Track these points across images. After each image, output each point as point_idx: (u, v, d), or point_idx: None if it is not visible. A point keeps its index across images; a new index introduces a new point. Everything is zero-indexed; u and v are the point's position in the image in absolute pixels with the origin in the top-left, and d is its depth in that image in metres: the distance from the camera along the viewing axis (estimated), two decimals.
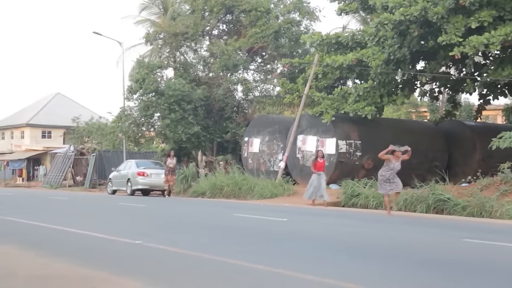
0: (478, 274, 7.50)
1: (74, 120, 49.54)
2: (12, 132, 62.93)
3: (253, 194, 24.99)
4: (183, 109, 31.77)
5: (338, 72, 25.57)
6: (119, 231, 11.42)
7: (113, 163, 37.05)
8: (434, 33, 20.99)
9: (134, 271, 7.43)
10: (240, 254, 8.57)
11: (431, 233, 12.20)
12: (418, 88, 26.17)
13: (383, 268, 7.77)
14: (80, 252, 8.96)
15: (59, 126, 58.28)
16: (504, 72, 20.84)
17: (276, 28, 32.89)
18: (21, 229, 12.37)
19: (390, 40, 22.37)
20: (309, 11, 34.04)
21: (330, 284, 6.59)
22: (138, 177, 28.55)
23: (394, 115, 43.53)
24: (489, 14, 19.60)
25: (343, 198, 21.65)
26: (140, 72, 32.77)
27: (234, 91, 35.13)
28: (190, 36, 34.44)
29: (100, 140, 46.15)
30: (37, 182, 51.43)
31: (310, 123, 26.39)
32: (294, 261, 8.19)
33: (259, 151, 29.15)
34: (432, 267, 7.84)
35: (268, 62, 36.07)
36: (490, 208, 17.18)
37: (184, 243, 9.77)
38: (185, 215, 16.25)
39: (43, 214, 16.50)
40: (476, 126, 29.11)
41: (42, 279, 6.91)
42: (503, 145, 18.44)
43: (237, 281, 6.84)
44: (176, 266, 7.78)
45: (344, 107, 24.51)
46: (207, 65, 35.49)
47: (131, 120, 33.92)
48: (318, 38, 25.33)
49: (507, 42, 19.31)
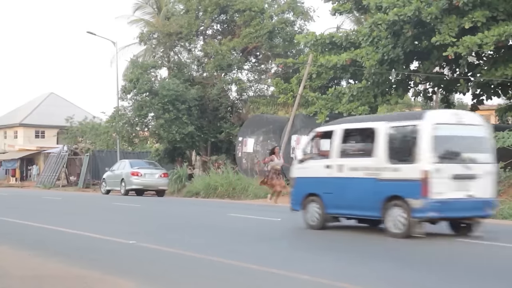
0: (474, 274, 7.53)
1: (67, 120, 49.37)
2: (5, 132, 62.71)
3: (247, 194, 24.99)
4: (177, 109, 31.75)
5: (332, 72, 25.60)
6: (113, 231, 11.42)
7: (107, 163, 36.93)
8: (428, 33, 21.04)
9: (128, 270, 7.44)
10: (234, 254, 8.59)
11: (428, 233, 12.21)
12: (412, 88, 26.21)
13: (381, 267, 7.80)
14: (75, 252, 8.96)
15: (53, 126, 58.08)
16: (497, 72, 20.90)
17: (270, 28, 32.89)
18: (16, 229, 12.35)
19: (384, 40, 22.41)
20: (303, 11, 34.04)
21: (325, 283, 6.61)
22: (132, 177, 28.51)
23: None
24: (483, 15, 19.66)
25: None
26: (134, 72, 32.73)
27: (228, 91, 35.12)
28: (184, 36, 34.41)
29: (94, 140, 46.03)
30: (31, 182, 51.25)
31: (304, 123, 26.41)
32: (289, 261, 8.21)
33: (253, 151, 29.16)
34: (424, 267, 7.87)
35: (262, 62, 36.07)
36: None
37: (178, 243, 9.78)
38: (179, 215, 16.25)
39: (37, 214, 16.47)
40: None
41: (37, 279, 6.91)
42: (497, 145, 18.48)
43: (232, 281, 6.86)
44: (170, 266, 7.79)
45: (338, 107, 24.54)
46: (201, 65, 35.47)
47: (125, 120, 33.87)
48: (312, 38, 25.34)
49: (501, 43, 19.37)
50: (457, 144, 10.92)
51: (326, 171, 11.87)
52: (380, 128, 11.10)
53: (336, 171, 11.67)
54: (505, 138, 18.43)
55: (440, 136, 10.53)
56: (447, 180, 10.37)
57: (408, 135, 10.81)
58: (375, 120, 11.96)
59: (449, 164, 10.50)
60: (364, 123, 12.23)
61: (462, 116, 11.22)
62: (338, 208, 11.74)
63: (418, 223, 10.39)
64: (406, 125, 10.99)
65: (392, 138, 10.95)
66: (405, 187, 10.51)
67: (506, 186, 18.68)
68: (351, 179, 11.41)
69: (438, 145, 10.44)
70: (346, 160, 11.62)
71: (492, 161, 11.06)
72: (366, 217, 11.59)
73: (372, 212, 11.01)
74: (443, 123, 10.76)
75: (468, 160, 10.75)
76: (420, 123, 10.57)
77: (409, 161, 10.55)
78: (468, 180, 10.62)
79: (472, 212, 10.80)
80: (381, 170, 10.86)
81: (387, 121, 11.23)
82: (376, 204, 10.78)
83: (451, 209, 10.50)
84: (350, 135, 12.06)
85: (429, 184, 10.19)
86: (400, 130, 11.05)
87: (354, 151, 11.92)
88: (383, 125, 11.13)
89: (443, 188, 10.29)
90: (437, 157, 10.38)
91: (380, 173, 10.86)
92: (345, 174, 11.53)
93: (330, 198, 11.77)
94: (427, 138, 10.37)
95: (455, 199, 10.45)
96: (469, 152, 10.89)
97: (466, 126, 10.99)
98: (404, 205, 10.41)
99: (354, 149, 11.97)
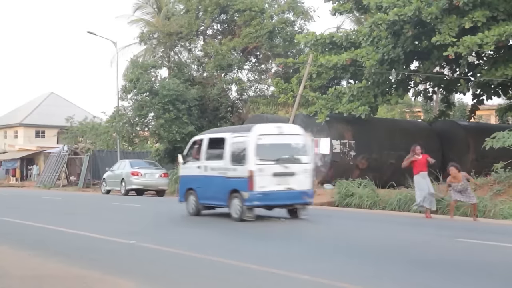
0: (472, 274, 7.54)
1: (68, 119, 49.38)
2: (5, 131, 62.72)
3: None
4: (178, 109, 31.76)
5: (332, 72, 25.58)
6: (113, 231, 11.42)
7: (107, 163, 36.95)
8: (428, 33, 21.03)
9: (128, 270, 7.44)
10: (234, 254, 8.59)
11: (425, 233, 12.25)
12: (412, 88, 26.20)
13: (378, 267, 7.80)
14: (75, 252, 8.96)
15: (53, 125, 58.08)
16: (497, 72, 20.89)
17: (270, 28, 32.90)
18: (16, 229, 12.36)
19: (384, 40, 22.41)
20: (303, 11, 34.06)
21: (325, 284, 6.61)
22: (132, 177, 28.52)
23: (388, 115, 43.60)
24: (483, 14, 19.65)
25: (337, 198, 21.67)
26: (134, 71, 32.73)
27: (228, 91, 35.14)
28: (184, 35, 34.42)
29: (94, 140, 46.04)
30: (31, 182, 51.23)
31: (304, 123, 26.32)
32: (289, 261, 8.21)
33: None
34: (426, 267, 7.87)
35: (262, 62, 36.08)
36: (483, 208, 17.21)
37: (178, 243, 9.78)
38: (179, 215, 16.25)
39: (37, 214, 16.48)
40: (470, 126, 29.17)
41: (37, 279, 6.91)
42: (497, 145, 18.49)
43: (232, 281, 6.86)
44: (170, 266, 7.79)
45: (338, 107, 24.52)
46: (201, 65, 35.48)
47: (125, 120, 33.88)
48: (312, 38, 25.34)
49: (501, 42, 19.35)
50: (277, 150, 13.99)
51: (198, 170, 15.20)
52: (227, 138, 14.40)
53: (203, 170, 14.98)
54: (505, 138, 18.41)
55: (262, 144, 13.67)
56: (268, 177, 13.50)
57: (242, 144, 13.92)
58: (226, 131, 15.30)
59: (270, 165, 13.61)
60: (220, 134, 15.39)
61: (283, 128, 14.62)
62: (206, 199, 15.00)
63: (248, 209, 13.55)
64: (241, 135, 14.19)
65: (234, 146, 14.15)
66: (240, 183, 13.63)
67: (506, 186, 18.67)
68: (212, 177, 14.64)
69: (260, 151, 13.56)
70: (209, 162, 14.89)
71: (308, 161, 14.25)
72: (220, 206, 14.66)
73: (223, 202, 14.20)
74: (266, 134, 13.93)
75: (287, 161, 13.85)
76: (249, 134, 13.82)
77: (242, 163, 13.67)
78: (287, 176, 13.75)
79: (291, 200, 14.02)
80: (227, 170, 14.11)
81: (231, 133, 14.59)
82: (225, 196, 14.00)
83: (272, 198, 13.70)
84: (212, 143, 15.14)
85: (254, 180, 13.37)
86: (238, 140, 14.15)
87: (214, 155, 14.93)
88: (229, 135, 14.44)
89: (265, 183, 13.47)
90: (260, 159, 13.49)
91: (227, 172, 14.11)
92: (208, 173, 14.79)
93: (201, 191, 15.05)
94: (252, 146, 13.55)
95: (275, 191, 13.62)
96: (288, 155, 14.04)
97: (286, 136, 14.29)
98: (240, 196, 13.63)
99: (214, 154, 14.95)
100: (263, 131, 13.96)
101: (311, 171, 14.40)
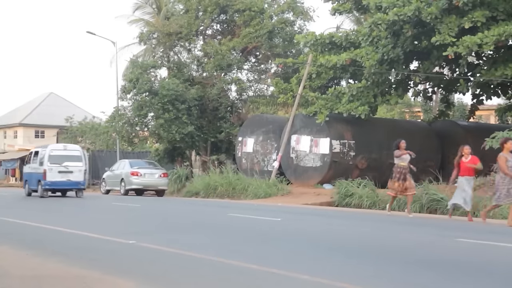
0: (472, 274, 7.54)
1: (67, 119, 49.39)
2: (5, 131, 62.71)
3: (247, 194, 25.00)
4: (177, 108, 31.75)
5: (332, 72, 25.60)
6: (113, 231, 11.42)
7: (107, 163, 36.92)
8: (428, 33, 21.04)
9: (128, 270, 7.44)
10: (234, 254, 8.58)
11: (426, 233, 12.25)
12: (412, 88, 26.23)
13: (378, 267, 7.80)
14: (74, 252, 8.95)
15: (53, 125, 58.06)
16: (497, 72, 20.91)
17: (270, 28, 32.88)
18: (16, 229, 12.35)
19: (384, 40, 22.42)
20: (303, 11, 34.03)
21: (325, 284, 6.61)
22: (132, 177, 28.51)
23: (387, 115, 43.60)
24: (482, 14, 19.67)
25: (337, 198, 21.69)
26: (133, 71, 32.72)
27: (228, 91, 35.11)
28: (184, 35, 34.40)
29: (94, 140, 46.07)
30: None
31: (304, 123, 26.41)
32: (289, 261, 8.21)
33: (253, 151, 29.16)
34: (426, 267, 7.87)
35: (262, 62, 36.05)
36: (483, 208, 17.22)
37: (178, 243, 9.76)
38: (179, 215, 16.25)
39: (37, 214, 16.48)
40: (469, 126, 29.19)
41: (36, 279, 6.91)
42: (496, 145, 18.49)
43: (232, 281, 6.86)
44: (170, 266, 7.79)
45: (338, 107, 24.54)
46: (201, 65, 35.45)
47: (124, 120, 33.88)
48: (312, 38, 25.35)
49: (500, 42, 19.38)
50: (62, 158, 23.99)
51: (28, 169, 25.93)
52: (46, 150, 24.36)
53: (32, 169, 25.34)
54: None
55: (53, 155, 23.92)
56: (56, 173, 23.57)
57: (42, 154, 24.43)
58: (39, 148, 26.25)
59: (57, 166, 23.61)
60: (36, 149, 26.25)
61: (68, 146, 26.03)
62: (32, 185, 25.12)
63: (44, 191, 23.90)
64: (42, 150, 24.74)
65: (39, 155, 24.69)
66: (41, 176, 23.78)
67: None
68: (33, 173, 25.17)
69: (52, 159, 23.75)
70: (32, 165, 25.56)
71: (82, 165, 24.18)
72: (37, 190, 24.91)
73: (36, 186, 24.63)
74: (56, 149, 24.87)
75: (67, 164, 23.81)
76: (46, 149, 24.48)
77: (43, 165, 23.75)
78: (67, 173, 23.82)
79: (70, 186, 24.34)
80: (37, 169, 24.59)
81: (41, 148, 25.56)
82: (37, 183, 24.58)
83: (57, 185, 24.06)
84: (36, 154, 25.43)
85: (46, 174, 23.47)
86: (42, 150, 24.83)
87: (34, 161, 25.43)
88: (48, 148, 24.72)
89: (54, 176, 23.59)
90: (51, 163, 23.56)
91: (37, 170, 24.64)
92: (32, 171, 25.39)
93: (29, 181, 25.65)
94: (47, 155, 23.81)
95: (59, 181, 23.78)
96: (68, 161, 23.94)
97: (68, 150, 24.85)
98: (41, 183, 23.88)
99: (35, 160, 25.37)
100: (54, 148, 25.30)
101: (84, 170, 24.14)
